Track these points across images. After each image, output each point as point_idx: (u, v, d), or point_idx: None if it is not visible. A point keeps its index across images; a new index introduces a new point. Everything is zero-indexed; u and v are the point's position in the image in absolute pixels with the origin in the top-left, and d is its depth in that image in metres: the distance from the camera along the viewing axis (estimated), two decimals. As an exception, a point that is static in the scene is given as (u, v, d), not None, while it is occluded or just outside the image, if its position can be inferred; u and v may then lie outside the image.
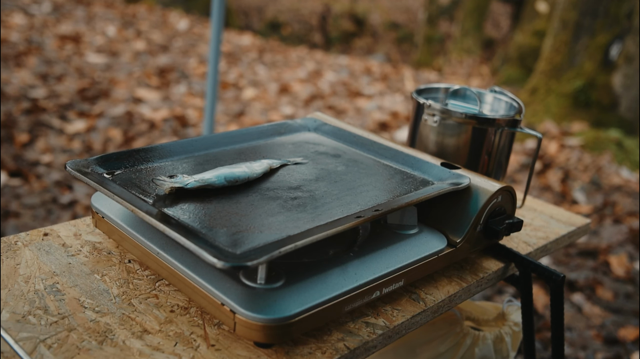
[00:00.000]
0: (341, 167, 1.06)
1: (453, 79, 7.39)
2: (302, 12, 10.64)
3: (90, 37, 5.78)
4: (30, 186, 2.93)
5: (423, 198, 0.93)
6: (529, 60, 6.78)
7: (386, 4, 11.52)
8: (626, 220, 3.26)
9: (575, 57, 4.89)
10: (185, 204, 0.86)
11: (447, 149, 1.20)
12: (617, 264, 2.82)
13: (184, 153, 1.05)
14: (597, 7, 4.79)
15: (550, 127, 4.58)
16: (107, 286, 0.87)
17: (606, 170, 3.92)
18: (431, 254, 0.93)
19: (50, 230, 1.00)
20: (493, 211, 1.00)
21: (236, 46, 6.64)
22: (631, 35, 4.62)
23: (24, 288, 0.84)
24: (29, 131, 3.50)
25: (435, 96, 1.34)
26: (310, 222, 0.84)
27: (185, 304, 0.85)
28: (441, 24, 9.38)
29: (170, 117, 4.02)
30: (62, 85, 4.32)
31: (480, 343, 1.26)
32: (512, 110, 1.26)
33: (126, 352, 0.75)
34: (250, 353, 0.77)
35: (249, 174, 0.96)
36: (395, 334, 0.86)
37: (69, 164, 0.91)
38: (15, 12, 6.22)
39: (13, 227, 2.57)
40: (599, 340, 2.32)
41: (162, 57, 5.52)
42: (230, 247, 0.75)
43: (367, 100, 5.21)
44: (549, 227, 1.24)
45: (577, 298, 2.56)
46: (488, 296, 2.53)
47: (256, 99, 4.77)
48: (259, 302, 0.75)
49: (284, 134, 1.21)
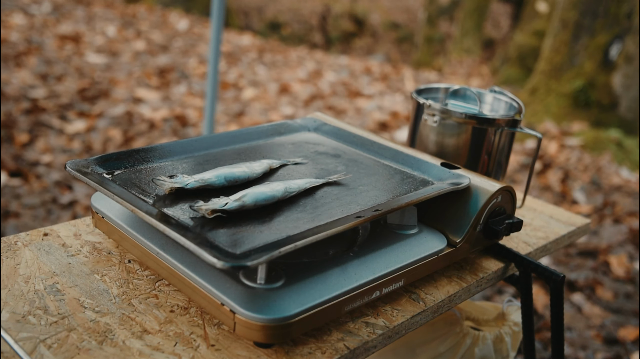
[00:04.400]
0: (341, 167, 1.06)
1: (453, 79, 7.39)
2: (302, 12, 10.64)
3: (90, 37, 5.78)
4: (30, 186, 2.93)
5: (423, 198, 0.93)
6: (529, 60, 6.78)
7: (386, 4, 11.52)
8: (626, 220, 3.26)
9: (575, 57, 4.89)
10: (185, 205, 0.86)
11: (447, 149, 1.20)
12: (617, 264, 2.82)
13: (183, 153, 1.05)
14: (597, 7, 4.79)
15: (550, 127, 4.58)
16: (107, 286, 0.87)
17: (606, 170, 3.92)
18: (431, 254, 0.93)
19: (50, 230, 1.00)
20: (493, 211, 1.00)
21: (236, 46, 6.64)
22: (631, 35, 4.62)
23: (24, 288, 0.84)
24: (29, 131, 3.50)
25: (435, 96, 1.34)
26: (310, 223, 0.84)
27: (185, 304, 0.85)
28: (441, 24, 9.38)
29: (170, 117, 4.02)
30: (62, 86, 4.32)
31: (480, 343, 1.26)
32: (512, 110, 1.26)
33: (126, 352, 0.75)
34: (250, 353, 0.77)
35: (249, 174, 0.96)
36: (395, 334, 0.86)
37: (68, 164, 0.91)
38: (15, 12, 6.22)
39: (13, 227, 2.57)
40: (599, 340, 2.32)
41: (162, 57, 5.52)
42: (230, 248, 0.75)
43: (367, 100, 5.21)
44: (549, 227, 1.24)
45: (577, 298, 2.56)
46: (488, 296, 2.53)
47: (256, 99, 4.77)
48: (259, 302, 0.75)
49: (284, 134, 1.21)
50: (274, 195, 0.88)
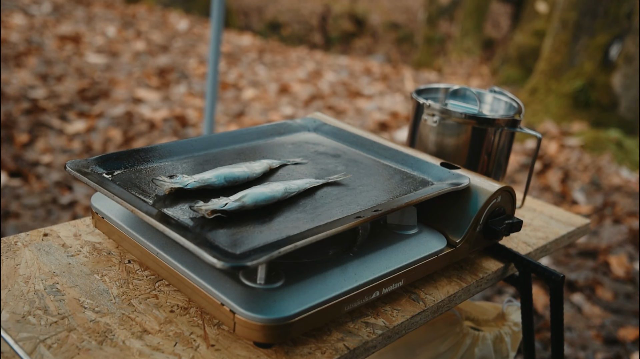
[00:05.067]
0: (341, 168, 1.06)
1: (453, 79, 7.39)
2: (302, 13, 10.64)
3: (90, 38, 5.78)
4: (30, 186, 2.93)
5: (423, 198, 0.93)
6: (529, 61, 6.78)
7: (386, 4, 11.52)
8: (626, 220, 3.26)
9: (575, 57, 4.89)
10: (185, 205, 0.86)
11: (446, 149, 1.20)
12: (617, 264, 2.82)
13: (183, 153, 1.05)
14: (597, 7, 4.79)
15: (550, 128, 4.58)
16: (107, 286, 0.87)
17: (606, 170, 3.92)
18: (431, 254, 0.93)
19: (50, 230, 1.00)
20: (493, 211, 1.00)
21: (236, 46, 6.64)
22: (631, 35, 4.62)
23: (23, 288, 0.84)
24: (29, 131, 3.51)
25: (435, 96, 1.34)
26: (309, 223, 0.84)
27: (185, 304, 0.85)
28: (441, 24, 9.38)
29: (170, 118, 4.02)
30: (62, 86, 4.32)
31: (480, 343, 1.26)
32: (511, 110, 1.26)
33: (126, 352, 0.75)
34: (250, 353, 0.77)
35: (249, 174, 0.96)
36: (395, 334, 0.86)
37: (68, 164, 0.91)
38: (15, 12, 6.22)
39: (13, 227, 2.57)
40: (599, 340, 2.32)
41: (162, 58, 5.52)
42: (229, 248, 0.75)
43: (367, 100, 5.21)
44: (549, 228, 1.24)
45: (577, 298, 2.56)
46: (488, 296, 2.53)
47: (256, 100, 4.77)
48: (259, 302, 0.75)
49: (284, 134, 1.21)
50: (273, 195, 0.88)
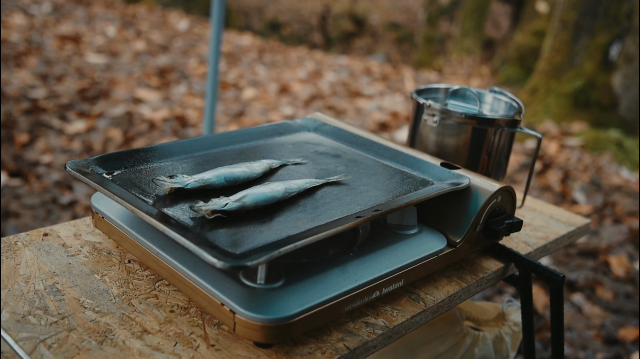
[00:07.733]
0: (341, 168, 1.06)
1: (453, 79, 7.39)
2: (302, 12, 10.64)
3: (90, 38, 5.78)
4: (30, 186, 2.93)
5: (423, 198, 0.93)
6: (529, 61, 6.78)
7: (386, 4, 11.52)
8: (626, 220, 3.26)
9: (575, 57, 4.89)
10: (185, 205, 0.86)
11: (446, 149, 1.20)
12: (617, 264, 2.82)
13: (183, 153, 1.05)
14: (597, 7, 4.79)
15: (550, 128, 4.58)
16: (107, 286, 0.87)
17: (606, 170, 3.92)
18: (431, 254, 0.93)
19: (50, 230, 1.00)
20: (493, 211, 1.00)
21: (236, 46, 6.64)
22: (631, 35, 4.62)
23: (24, 288, 0.84)
24: (29, 131, 3.50)
25: (435, 96, 1.34)
26: (309, 223, 0.84)
27: (185, 304, 0.85)
28: (441, 24, 9.38)
29: (170, 118, 4.02)
30: (62, 86, 4.32)
31: (480, 343, 1.26)
32: (511, 110, 1.26)
33: (126, 352, 0.75)
34: (250, 353, 0.77)
35: (249, 174, 0.96)
36: (395, 334, 0.86)
37: (68, 164, 0.91)
38: (15, 12, 6.22)
39: (13, 227, 2.57)
40: (599, 340, 2.32)
41: (162, 58, 5.52)
42: (230, 248, 0.75)
43: (367, 100, 5.21)
44: (549, 228, 1.24)
45: (577, 298, 2.56)
46: (488, 296, 2.53)
47: (256, 99, 4.77)
48: (259, 302, 0.75)
49: (284, 134, 1.21)
50: (274, 195, 0.88)
